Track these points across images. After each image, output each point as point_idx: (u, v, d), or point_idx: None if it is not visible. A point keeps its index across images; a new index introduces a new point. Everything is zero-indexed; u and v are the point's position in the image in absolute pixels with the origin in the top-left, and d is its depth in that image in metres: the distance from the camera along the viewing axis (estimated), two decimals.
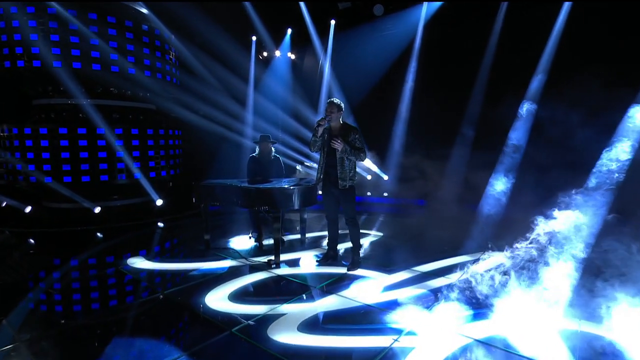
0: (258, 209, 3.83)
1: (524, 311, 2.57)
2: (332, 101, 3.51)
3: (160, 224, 5.79)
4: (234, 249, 4.35)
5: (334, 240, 3.89)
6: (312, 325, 2.58)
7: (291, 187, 3.65)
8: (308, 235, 4.79)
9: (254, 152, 4.56)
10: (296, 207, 3.73)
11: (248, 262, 3.91)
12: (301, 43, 8.80)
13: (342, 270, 3.63)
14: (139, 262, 3.96)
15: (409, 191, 6.86)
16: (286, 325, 2.57)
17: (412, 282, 3.30)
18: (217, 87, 7.60)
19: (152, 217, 6.07)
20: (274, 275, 3.57)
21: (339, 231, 3.87)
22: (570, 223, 2.77)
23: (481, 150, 5.85)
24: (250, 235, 4.75)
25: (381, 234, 5.00)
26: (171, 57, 7.07)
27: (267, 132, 5.32)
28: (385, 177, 7.66)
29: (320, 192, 3.79)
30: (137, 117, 6.55)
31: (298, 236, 4.75)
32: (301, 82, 8.77)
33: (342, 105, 3.56)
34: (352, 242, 3.68)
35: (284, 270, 3.68)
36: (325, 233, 4.48)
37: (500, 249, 3.90)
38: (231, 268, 3.77)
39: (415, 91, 7.22)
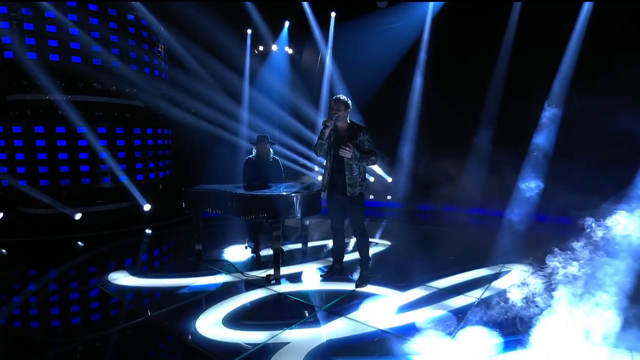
0: (256, 218, 3.48)
1: (565, 339, 2.28)
2: (339, 98, 3.19)
3: (148, 231, 5.42)
4: (229, 261, 4.01)
5: (340, 253, 3.57)
6: (321, 356, 2.27)
7: (292, 194, 3.32)
8: (310, 244, 4.47)
9: (251, 153, 4.26)
10: (298, 216, 3.41)
11: (244, 277, 3.57)
12: (299, 37, 8.43)
13: (350, 286, 3.31)
14: (122, 278, 3.59)
15: (418, 195, 6.59)
16: (292, 356, 2.25)
17: (429, 301, 2.99)
18: (210, 82, 7.20)
19: (139, 223, 5.69)
20: (273, 292, 3.24)
21: (344, 240, 3.55)
22: (618, 233, 2.47)
23: (503, 150, 5.52)
24: (246, 244, 4.42)
25: (388, 242, 4.70)
26: (160, 49, 6.67)
27: (264, 131, 4.97)
28: (389, 179, 7.35)
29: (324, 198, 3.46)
30: (122, 114, 6.15)
31: (299, 245, 4.43)
32: (300, 78, 8.41)
33: (350, 102, 3.24)
34: (360, 255, 3.36)
35: (284, 287, 3.35)
36: (329, 241, 4.15)
37: (529, 262, 3.65)
38: (225, 284, 3.43)
39: (425, 87, 6.89)
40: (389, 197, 7.15)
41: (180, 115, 7.01)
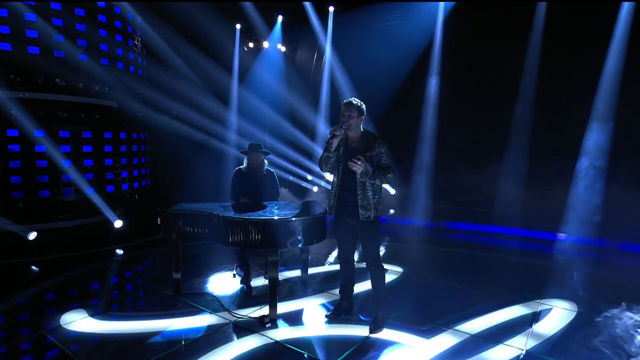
0: (247, 248, 2.94)
1: None
2: (351, 102, 2.71)
3: (119, 252, 4.79)
4: (213, 295, 3.44)
5: (349, 288, 3.06)
6: None
7: (293, 219, 2.80)
8: (311, 269, 3.94)
9: (241, 164, 3.75)
10: (299, 245, 2.88)
11: (233, 318, 3.00)
12: (294, 33, 7.92)
13: (362, 330, 2.80)
14: (78, 321, 2.97)
15: (435, 211, 6.04)
16: None
17: (462, 354, 2.50)
18: (194, 81, 6.59)
19: (107, 243, 5.05)
20: (269, 340, 2.69)
21: (354, 273, 3.04)
22: None
23: (543, 161, 5.08)
24: (234, 271, 3.86)
25: (400, 269, 4.20)
26: (136, 42, 6.06)
27: (256, 139, 4.43)
28: (392, 192, 6.90)
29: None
30: (91, 116, 5.50)
31: (298, 272, 3.90)
32: (295, 78, 7.87)
33: (364, 107, 2.76)
34: (375, 292, 2.87)
35: (282, 332, 2.81)
36: (335, 268, 3.62)
37: (575, 298, 3.20)
38: (210, 329, 2.86)
39: (442, 90, 6.37)
40: (391, 212, 6.67)
41: (159, 118, 6.42)
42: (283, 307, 3.15)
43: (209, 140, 6.89)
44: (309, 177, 7.46)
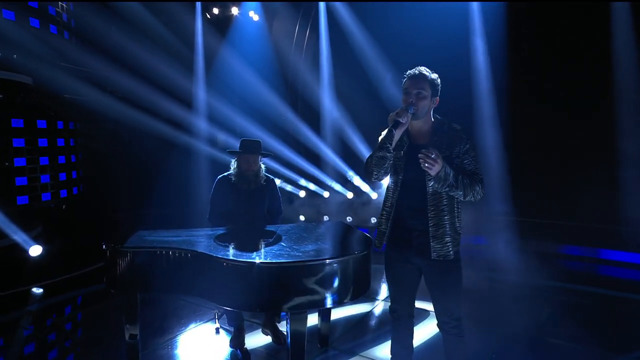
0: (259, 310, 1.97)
1: None
2: (422, 74, 1.93)
3: (37, 291, 3.55)
4: None
5: (406, 357, 2.18)
6: None
7: (333, 260, 1.88)
8: (334, 314, 2.98)
9: (229, 170, 2.79)
10: (346, 300, 1.97)
11: None
12: None
13: None
14: None
15: (508, 225, 4.68)
16: None
17: None
18: (144, 44, 5.31)
19: (18, 281, 3.72)
20: None
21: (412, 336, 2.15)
22: None
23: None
24: (216, 323, 2.85)
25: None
26: None
27: (246, 131, 3.44)
28: (374, 196, 6.17)
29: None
30: None
31: (314, 319, 2.91)
32: (268, 56, 6.74)
33: (439, 83, 1.98)
34: None
35: None
36: (367, 307, 2.76)
37: None
38: None
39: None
40: (373, 220, 5.87)
41: (96, 100, 5.24)
42: None
43: (169, 131, 5.75)
44: (302, 182, 6.49)
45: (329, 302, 1.95)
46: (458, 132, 1.95)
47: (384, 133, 1.89)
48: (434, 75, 1.93)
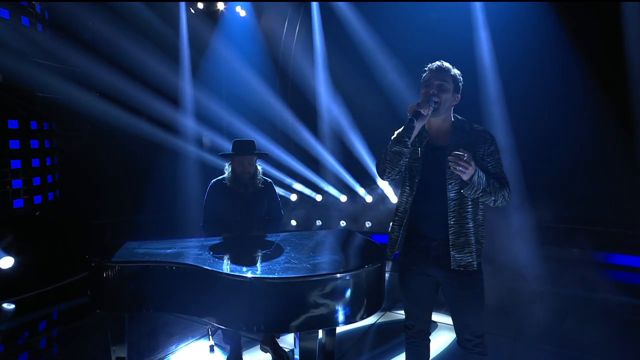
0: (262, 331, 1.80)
1: None
2: (445, 67, 1.82)
3: (8, 307, 3.28)
4: None
5: None
6: None
7: (346, 274, 1.73)
8: (338, 329, 2.78)
9: (221, 171, 2.65)
10: (359, 316, 1.81)
11: None
12: None
13: None
14: None
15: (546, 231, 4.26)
16: None
17: None
18: (128, 34, 5.11)
19: None
20: None
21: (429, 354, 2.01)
22: None
23: None
24: (211, 340, 2.68)
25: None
26: None
27: (239, 132, 3.28)
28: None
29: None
30: None
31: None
32: (258, 54, 6.53)
33: (461, 80, 1.86)
34: None
35: None
36: (366, 321, 2.64)
37: None
38: None
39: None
40: (368, 224, 5.75)
41: (74, 99, 4.91)
42: None
43: (153, 131, 5.48)
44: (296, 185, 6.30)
45: (341, 320, 1.79)
46: (481, 132, 1.83)
47: (397, 131, 1.76)
48: (457, 71, 1.82)
